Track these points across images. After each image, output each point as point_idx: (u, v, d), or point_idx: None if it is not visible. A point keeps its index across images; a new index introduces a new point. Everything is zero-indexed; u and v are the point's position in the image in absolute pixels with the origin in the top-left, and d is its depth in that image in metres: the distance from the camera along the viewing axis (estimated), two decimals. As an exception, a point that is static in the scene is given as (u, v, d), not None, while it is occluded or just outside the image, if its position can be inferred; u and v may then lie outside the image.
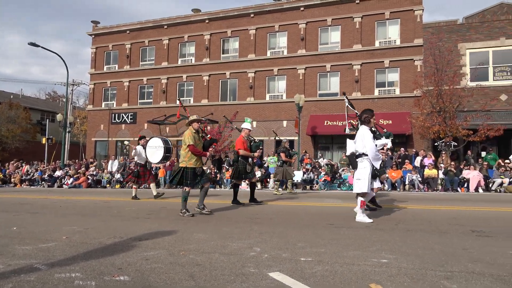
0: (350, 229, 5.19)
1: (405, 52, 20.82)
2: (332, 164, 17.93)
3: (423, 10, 20.83)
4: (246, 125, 8.81)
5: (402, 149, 18.61)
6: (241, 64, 24.36)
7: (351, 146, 6.36)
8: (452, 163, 15.79)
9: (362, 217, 5.83)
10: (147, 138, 11.14)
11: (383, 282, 2.83)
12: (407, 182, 14.77)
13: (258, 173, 14.92)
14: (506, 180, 13.69)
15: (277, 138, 16.85)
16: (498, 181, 13.79)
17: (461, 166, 15.71)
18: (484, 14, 20.07)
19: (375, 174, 6.71)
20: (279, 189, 12.48)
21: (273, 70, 23.55)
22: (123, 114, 27.22)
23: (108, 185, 19.83)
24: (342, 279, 2.92)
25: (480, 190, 13.71)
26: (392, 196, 11.49)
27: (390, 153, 17.16)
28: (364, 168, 5.86)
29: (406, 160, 16.54)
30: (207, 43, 25.26)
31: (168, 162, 15.56)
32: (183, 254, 3.79)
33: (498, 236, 4.56)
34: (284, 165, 12.27)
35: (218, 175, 18.38)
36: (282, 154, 12.23)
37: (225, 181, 17.90)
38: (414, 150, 18.70)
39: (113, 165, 21.24)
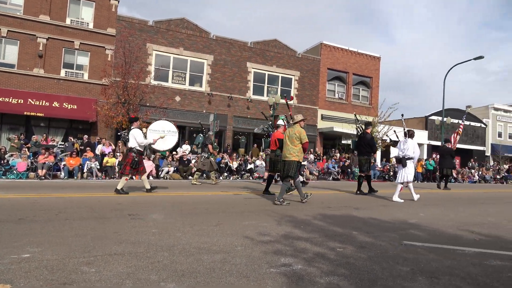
0: (-3, 224, 4.47)
1: (97, 38, 20.44)
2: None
3: (118, 1, 21.20)
4: (281, 122, 9.65)
5: (86, 136, 18.24)
6: None
7: (395, 151, 8.96)
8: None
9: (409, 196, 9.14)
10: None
11: (15, 280, 2.59)
12: (85, 170, 14.54)
13: None
14: (172, 169, 16.14)
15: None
16: (166, 169, 16.04)
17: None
18: (170, 23, 22.80)
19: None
20: (199, 178, 12.92)
21: None
22: None
23: None
24: (-40, 286, 2.44)
25: (151, 178, 15.41)
26: (66, 184, 10.98)
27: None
28: (412, 167, 9.02)
29: (88, 148, 16.26)
30: None
31: None
32: None
33: (147, 218, 5.22)
34: (211, 157, 12.67)
35: None
36: (210, 146, 12.55)
37: None
38: (98, 138, 18.74)
39: None
